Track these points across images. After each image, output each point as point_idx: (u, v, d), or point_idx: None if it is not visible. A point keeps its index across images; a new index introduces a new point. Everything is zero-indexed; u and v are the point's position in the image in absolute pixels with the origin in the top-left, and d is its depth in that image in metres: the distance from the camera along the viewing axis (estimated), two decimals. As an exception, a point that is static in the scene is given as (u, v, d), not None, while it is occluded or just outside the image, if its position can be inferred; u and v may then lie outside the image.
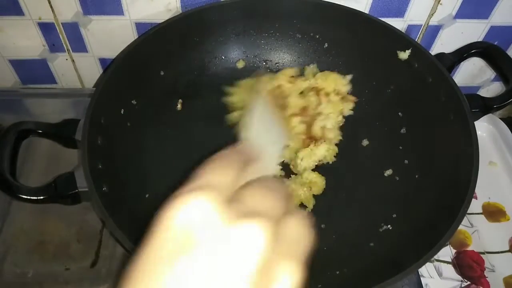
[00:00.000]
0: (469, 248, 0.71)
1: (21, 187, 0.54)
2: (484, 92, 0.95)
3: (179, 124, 0.74)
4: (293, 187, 0.66)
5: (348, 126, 0.75)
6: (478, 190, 0.56)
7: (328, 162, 0.70)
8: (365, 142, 0.74)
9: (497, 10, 0.77)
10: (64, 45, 0.80)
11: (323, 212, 0.67)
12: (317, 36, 0.78)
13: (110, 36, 0.78)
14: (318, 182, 0.68)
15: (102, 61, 0.84)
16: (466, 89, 0.88)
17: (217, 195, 0.25)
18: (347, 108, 0.73)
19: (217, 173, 0.28)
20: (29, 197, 0.54)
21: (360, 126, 0.75)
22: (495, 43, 0.78)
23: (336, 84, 0.72)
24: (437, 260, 0.69)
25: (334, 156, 0.71)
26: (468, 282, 0.67)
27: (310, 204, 0.66)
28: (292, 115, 0.68)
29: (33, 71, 0.85)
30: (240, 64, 0.79)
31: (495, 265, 0.69)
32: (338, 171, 0.71)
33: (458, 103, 0.63)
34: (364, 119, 0.76)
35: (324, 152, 0.69)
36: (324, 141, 0.69)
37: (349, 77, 0.75)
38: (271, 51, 0.80)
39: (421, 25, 0.80)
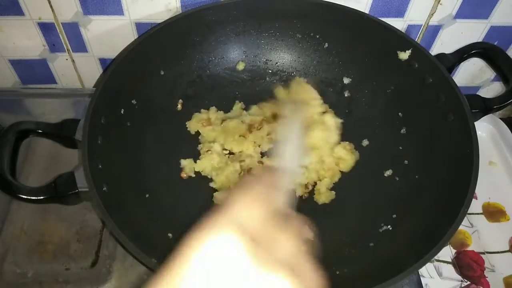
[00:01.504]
0: (469, 248, 0.71)
1: (21, 187, 0.54)
2: (484, 92, 0.95)
3: (179, 124, 0.74)
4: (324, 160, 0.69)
5: (348, 126, 0.76)
6: (478, 190, 0.56)
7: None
8: (365, 142, 0.74)
9: (497, 10, 0.77)
10: (64, 45, 0.80)
11: (323, 212, 0.67)
12: (317, 36, 0.78)
13: (110, 36, 0.78)
14: (348, 159, 0.70)
15: (102, 61, 0.84)
16: (466, 89, 0.88)
17: (246, 233, 0.26)
18: None
19: (245, 208, 0.28)
20: (29, 197, 0.54)
21: (360, 126, 0.75)
22: (495, 43, 0.78)
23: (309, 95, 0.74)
24: (437, 260, 0.69)
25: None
26: (468, 282, 0.67)
27: (336, 177, 0.69)
28: None
29: (33, 71, 0.85)
30: (240, 66, 0.79)
31: (495, 265, 0.69)
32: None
33: (458, 103, 0.63)
34: (364, 119, 0.76)
35: (331, 118, 0.69)
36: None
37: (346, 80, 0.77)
38: (271, 51, 0.80)
39: (421, 25, 0.80)
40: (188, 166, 0.69)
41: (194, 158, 0.71)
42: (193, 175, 0.69)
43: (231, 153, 0.71)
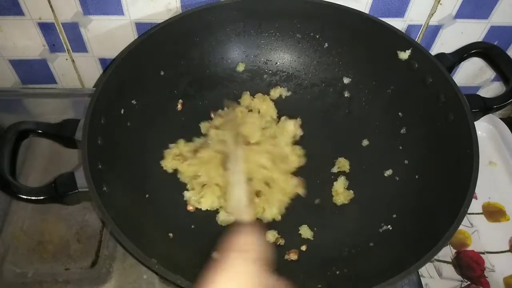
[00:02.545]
0: (469, 248, 0.71)
1: (21, 187, 0.54)
2: (484, 92, 0.95)
3: (179, 124, 0.74)
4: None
5: (348, 126, 0.76)
6: (478, 190, 0.56)
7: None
8: (365, 142, 0.74)
9: (497, 10, 0.77)
10: (64, 45, 0.80)
11: (323, 212, 0.67)
12: (317, 36, 0.78)
13: (110, 36, 0.78)
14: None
15: (102, 61, 0.84)
16: (466, 89, 0.88)
17: None
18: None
19: None
20: (29, 197, 0.54)
21: (360, 126, 0.75)
22: (495, 43, 0.78)
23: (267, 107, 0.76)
24: (437, 260, 0.69)
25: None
26: (468, 282, 0.67)
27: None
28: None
29: (33, 71, 0.85)
30: (240, 68, 0.79)
31: (495, 265, 0.69)
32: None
33: (458, 103, 0.63)
34: (364, 119, 0.76)
35: (292, 126, 0.72)
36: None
37: (346, 80, 0.77)
38: (271, 51, 0.80)
39: (421, 25, 0.80)
40: (192, 198, 0.66)
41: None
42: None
43: None
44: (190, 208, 0.66)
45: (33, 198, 0.54)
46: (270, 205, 0.65)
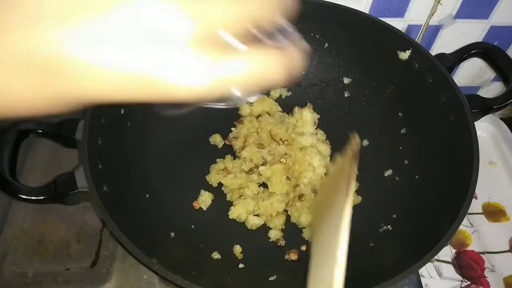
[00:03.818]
0: (469, 248, 0.71)
1: (21, 187, 0.54)
2: (484, 93, 0.95)
3: (178, 123, 0.74)
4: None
5: (348, 126, 0.75)
6: (478, 190, 0.56)
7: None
8: (365, 142, 0.74)
9: (497, 10, 0.77)
10: (64, 45, 0.80)
11: (323, 212, 0.67)
12: (317, 36, 0.77)
13: (110, 36, 0.78)
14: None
15: (102, 61, 0.83)
16: (466, 89, 0.88)
17: None
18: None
19: None
20: (29, 197, 0.54)
21: (360, 126, 0.75)
22: (495, 43, 0.78)
23: (270, 107, 0.77)
24: (437, 260, 0.69)
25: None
26: (468, 282, 0.67)
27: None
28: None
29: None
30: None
31: (495, 265, 0.69)
32: (338, 171, 0.71)
33: (458, 103, 0.63)
34: (364, 119, 0.76)
35: (309, 113, 0.74)
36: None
37: (346, 80, 0.76)
38: (271, 51, 0.80)
39: (421, 25, 0.80)
40: (206, 198, 0.67)
41: (193, 158, 0.71)
42: (205, 209, 0.67)
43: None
44: (196, 204, 0.67)
45: (33, 198, 0.54)
46: (308, 212, 0.65)
